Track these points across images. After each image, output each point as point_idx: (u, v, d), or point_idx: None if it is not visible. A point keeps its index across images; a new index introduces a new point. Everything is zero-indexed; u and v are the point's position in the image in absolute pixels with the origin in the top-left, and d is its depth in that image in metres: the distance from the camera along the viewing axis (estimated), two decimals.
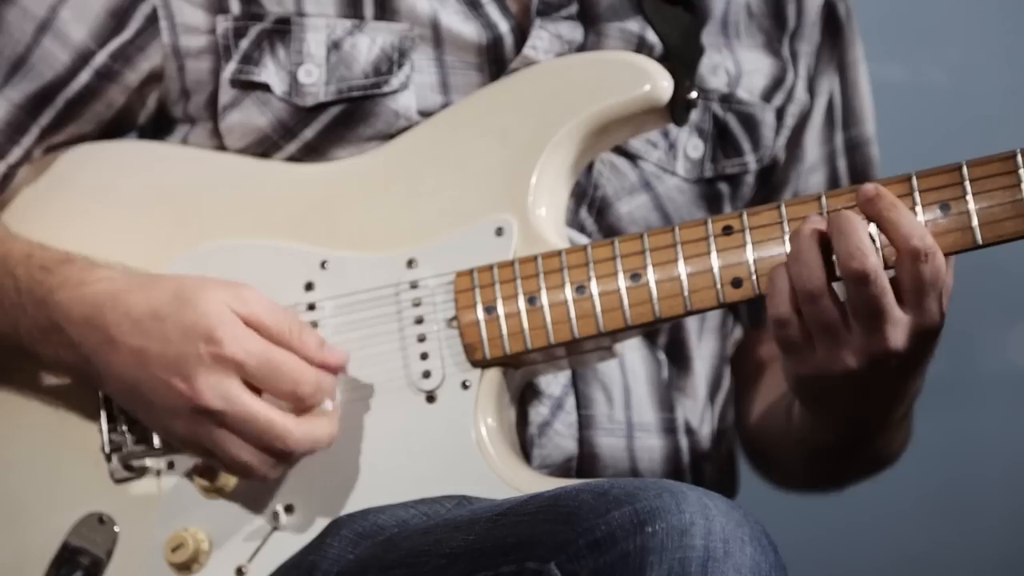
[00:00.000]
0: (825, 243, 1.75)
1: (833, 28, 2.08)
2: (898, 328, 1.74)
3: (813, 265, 1.74)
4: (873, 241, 1.74)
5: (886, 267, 1.75)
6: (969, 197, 1.76)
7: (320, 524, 1.86)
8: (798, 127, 2.08)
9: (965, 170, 1.76)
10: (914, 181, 1.77)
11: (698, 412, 2.06)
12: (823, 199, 1.80)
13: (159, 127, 2.05)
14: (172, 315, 1.81)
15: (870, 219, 1.75)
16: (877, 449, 1.98)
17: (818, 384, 1.78)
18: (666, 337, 2.04)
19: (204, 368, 1.79)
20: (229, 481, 1.89)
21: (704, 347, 2.07)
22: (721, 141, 2.03)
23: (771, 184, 2.08)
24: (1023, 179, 1.75)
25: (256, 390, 1.81)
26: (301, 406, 1.82)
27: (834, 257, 1.74)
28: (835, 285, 1.76)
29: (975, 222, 1.76)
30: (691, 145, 2.03)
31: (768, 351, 2.12)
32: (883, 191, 1.75)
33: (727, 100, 2.03)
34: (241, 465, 1.82)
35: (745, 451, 2.14)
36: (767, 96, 2.05)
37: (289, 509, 1.89)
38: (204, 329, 1.80)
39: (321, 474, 1.88)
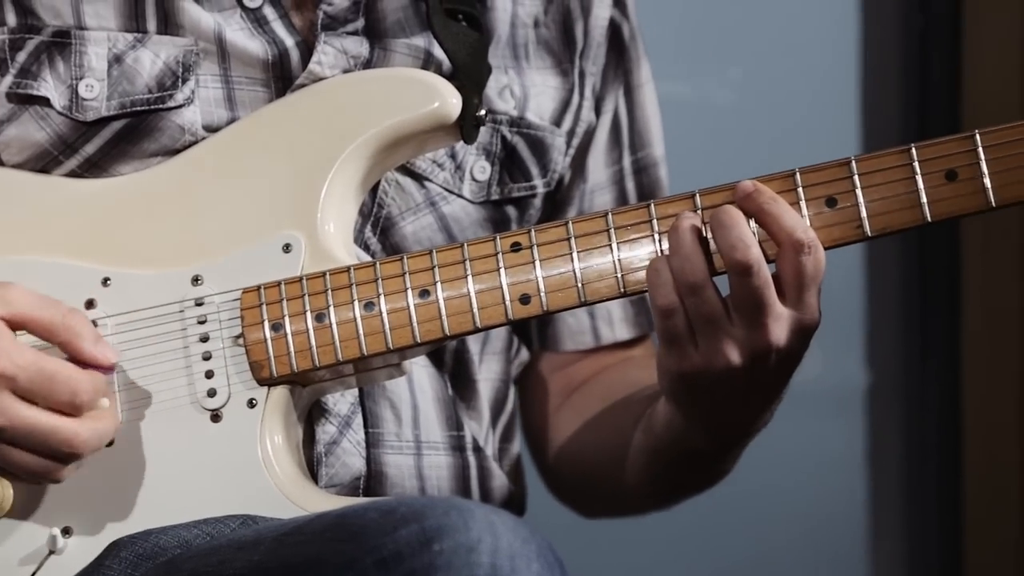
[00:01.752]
0: (702, 239, 1.76)
1: (618, 49, 2.10)
2: (780, 322, 1.76)
3: (694, 258, 1.75)
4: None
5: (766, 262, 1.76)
6: (859, 191, 1.79)
7: (99, 546, 1.82)
8: (583, 146, 2.10)
9: (854, 165, 1.80)
10: (798, 177, 1.80)
11: (483, 432, 2.07)
12: (697, 197, 1.81)
13: None
14: None
15: (749, 215, 1.76)
16: (732, 459, 1.96)
17: (698, 381, 1.79)
18: (450, 358, 2.05)
19: None
20: (4, 503, 1.84)
21: (487, 369, 2.07)
22: (509, 164, 2.04)
23: (556, 202, 2.10)
24: (917, 171, 1.79)
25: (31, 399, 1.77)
26: (79, 414, 1.78)
27: (714, 252, 1.75)
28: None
29: (864, 213, 1.79)
30: (478, 167, 2.03)
31: (579, 371, 2.10)
32: (761, 186, 1.77)
33: (516, 124, 2.04)
34: (28, 473, 1.78)
35: (550, 473, 2.11)
36: (557, 120, 2.06)
37: (67, 531, 1.85)
38: None
39: (101, 495, 1.84)
